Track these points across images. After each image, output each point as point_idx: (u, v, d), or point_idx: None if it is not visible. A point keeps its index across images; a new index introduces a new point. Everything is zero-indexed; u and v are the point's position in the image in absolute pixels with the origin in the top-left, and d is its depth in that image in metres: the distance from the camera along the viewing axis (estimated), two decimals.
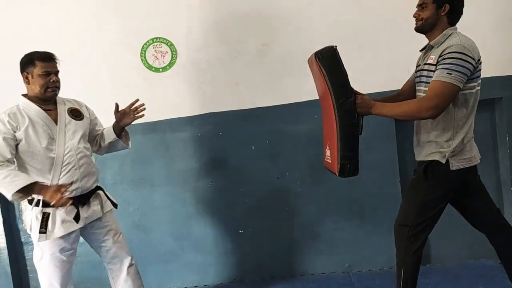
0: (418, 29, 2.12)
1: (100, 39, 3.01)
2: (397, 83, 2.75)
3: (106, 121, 3.04)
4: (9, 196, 2.04)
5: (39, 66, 2.18)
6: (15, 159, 2.16)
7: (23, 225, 3.27)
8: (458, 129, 2.03)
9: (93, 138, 2.48)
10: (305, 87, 2.74)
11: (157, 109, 3.02)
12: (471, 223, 2.25)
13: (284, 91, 3.00)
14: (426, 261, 3.06)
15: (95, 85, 3.02)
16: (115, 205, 2.46)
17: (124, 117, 2.40)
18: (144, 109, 2.42)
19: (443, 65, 1.93)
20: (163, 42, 2.98)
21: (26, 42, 3.01)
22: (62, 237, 2.20)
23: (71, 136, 2.24)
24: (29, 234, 2.27)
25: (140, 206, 3.13)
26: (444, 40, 2.02)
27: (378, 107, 2.05)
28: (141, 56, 2.99)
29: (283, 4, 2.94)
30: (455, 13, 2.06)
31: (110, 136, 2.45)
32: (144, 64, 3.00)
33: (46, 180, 2.16)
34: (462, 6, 2.08)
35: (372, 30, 2.92)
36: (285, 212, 3.08)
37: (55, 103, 2.30)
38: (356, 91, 2.08)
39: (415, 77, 2.20)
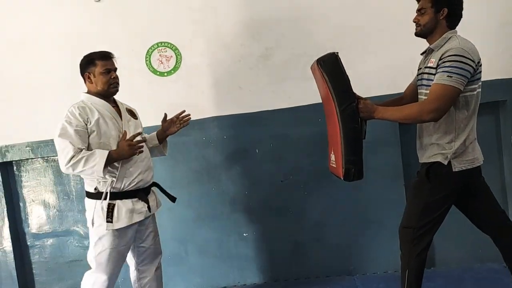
0: (418, 34, 2.15)
1: (105, 44, 3.01)
2: (400, 87, 2.76)
3: None
4: (99, 174, 2.15)
5: (100, 64, 2.28)
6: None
7: (29, 228, 3.30)
8: (459, 131, 2.04)
9: None
10: (308, 91, 2.75)
11: (161, 113, 3.02)
12: (476, 225, 2.25)
13: (288, 94, 3.01)
14: (431, 264, 3.05)
15: None
16: (173, 199, 2.58)
17: (171, 126, 2.55)
18: (190, 118, 2.56)
19: (443, 68, 1.94)
20: (168, 47, 3.00)
21: (32, 48, 3.07)
22: (125, 230, 2.26)
23: (133, 131, 2.32)
24: (90, 226, 2.29)
25: None
26: (444, 44, 2.04)
27: (380, 111, 2.07)
28: (146, 60, 3.02)
29: (286, 8, 2.96)
30: (454, 17, 2.07)
31: (152, 141, 2.55)
32: (149, 68, 3.02)
33: (114, 169, 2.23)
34: (461, 9, 2.09)
35: (375, 34, 2.93)
36: (289, 215, 3.09)
37: (114, 101, 2.40)
38: (358, 96, 2.10)
39: (417, 81, 2.21)
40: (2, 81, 3.10)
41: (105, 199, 2.22)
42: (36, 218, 3.29)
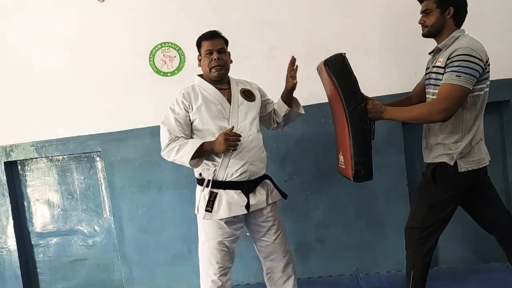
0: (425, 35, 2.13)
1: (109, 44, 3.05)
2: (403, 87, 2.78)
3: (115, 124, 3.10)
4: (187, 165, 2.11)
5: (204, 45, 2.19)
6: (186, 138, 2.18)
7: (33, 227, 3.32)
8: (466, 131, 2.03)
9: (268, 117, 2.42)
10: (312, 91, 2.75)
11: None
12: (481, 225, 2.25)
13: None
14: (435, 264, 3.04)
15: (104, 89, 3.07)
16: (284, 196, 2.35)
17: (289, 80, 2.26)
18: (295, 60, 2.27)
19: (452, 68, 1.93)
20: (171, 47, 3.01)
21: (36, 48, 3.09)
22: (225, 222, 2.18)
23: (243, 117, 2.19)
24: (196, 214, 2.28)
25: (148, 209, 3.15)
26: (452, 43, 2.02)
27: (389, 112, 2.06)
28: (149, 60, 3.02)
29: (289, 9, 2.96)
30: (460, 14, 2.07)
31: (282, 109, 2.34)
32: (152, 68, 3.03)
33: (218, 158, 2.15)
34: (466, 5, 2.08)
35: (378, 34, 2.92)
36: (292, 215, 3.08)
37: (228, 82, 2.27)
38: (366, 96, 2.09)
39: (425, 80, 2.20)
40: (5, 82, 3.12)
41: (207, 186, 2.16)
42: (41, 217, 3.31)
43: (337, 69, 2.04)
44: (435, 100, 2.00)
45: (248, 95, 2.27)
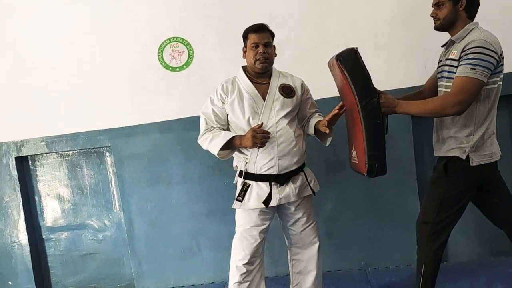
0: (437, 28, 2.11)
1: (118, 39, 3.06)
2: (413, 81, 2.76)
3: (124, 119, 3.12)
4: (216, 154, 2.22)
5: (250, 38, 2.20)
6: (223, 128, 2.27)
7: (44, 222, 3.35)
8: (479, 124, 2.02)
9: (302, 118, 2.40)
10: (320, 85, 2.74)
11: (174, 108, 3.06)
12: (491, 219, 2.23)
13: None
14: (444, 258, 3.01)
15: (113, 84, 3.08)
16: (313, 192, 2.37)
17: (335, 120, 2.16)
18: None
19: (467, 61, 1.91)
20: (180, 42, 3.02)
21: (45, 44, 3.11)
22: (255, 212, 2.26)
23: (276, 113, 2.20)
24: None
25: (157, 204, 3.17)
26: (466, 35, 2.00)
27: (402, 106, 2.05)
28: (158, 55, 3.03)
29: (297, 3, 2.95)
30: (472, 7, 2.04)
31: (310, 129, 2.34)
32: (161, 63, 3.04)
33: (247, 152, 2.23)
34: None
35: (387, 28, 2.90)
36: None
37: (269, 76, 2.27)
38: (379, 90, 2.07)
39: (437, 73, 2.18)
40: (16, 78, 3.14)
41: (240, 177, 2.27)
42: (51, 212, 3.34)
43: (350, 63, 2.03)
44: (449, 93, 1.98)
45: (287, 91, 2.25)
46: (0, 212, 3.26)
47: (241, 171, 2.28)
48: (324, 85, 2.65)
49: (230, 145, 2.21)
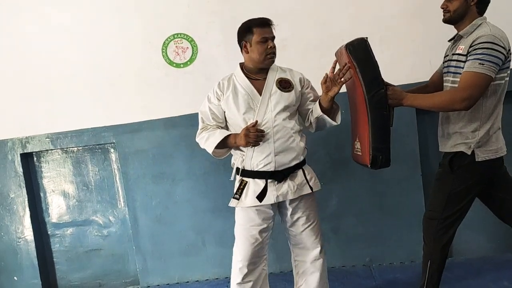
0: (446, 21, 2.08)
1: (122, 35, 3.06)
2: (418, 76, 2.75)
3: (128, 116, 3.12)
4: (211, 153, 2.20)
5: (257, 33, 2.12)
6: (221, 126, 2.24)
7: (50, 218, 3.37)
8: (485, 120, 2.01)
9: (305, 113, 2.31)
10: None
11: (178, 104, 3.06)
12: (497, 215, 2.23)
13: None
14: (449, 254, 3.01)
15: (118, 81, 3.09)
16: (311, 189, 2.27)
17: (332, 85, 2.10)
18: (349, 68, 2.05)
19: (475, 56, 1.90)
20: (184, 38, 3.01)
21: (50, 41, 3.11)
22: (253, 210, 2.20)
23: (272, 108, 2.14)
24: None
25: (161, 200, 3.18)
26: (474, 30, 1.98)
27: (409, 99, 2.04)
28: (162, 52, 3.03)
29: None
30: (483, 3, 2.02)
31: (316, 111, 2.20)
32: (165, 59, 3.04)
33: (244, 148, 2.16)
34: None
35: (392, 22, 2.89)
36: None
37: (266, 71, 2.22)
38: (387, 82, 2.06)
39: (443, 68, 2.17)
40: (22, 74, 3.15)
41: (237, 174, 2.23)
42: (56, 208, 3.36)
43: (359, 53, 2.00)
44: (457, 88, 1.96)
45: (284, 85, 2.19)
46: (5, 209, 3.28)
47: (238, 168, 2.23)
48: None
49: (225, 144, 2.17)
